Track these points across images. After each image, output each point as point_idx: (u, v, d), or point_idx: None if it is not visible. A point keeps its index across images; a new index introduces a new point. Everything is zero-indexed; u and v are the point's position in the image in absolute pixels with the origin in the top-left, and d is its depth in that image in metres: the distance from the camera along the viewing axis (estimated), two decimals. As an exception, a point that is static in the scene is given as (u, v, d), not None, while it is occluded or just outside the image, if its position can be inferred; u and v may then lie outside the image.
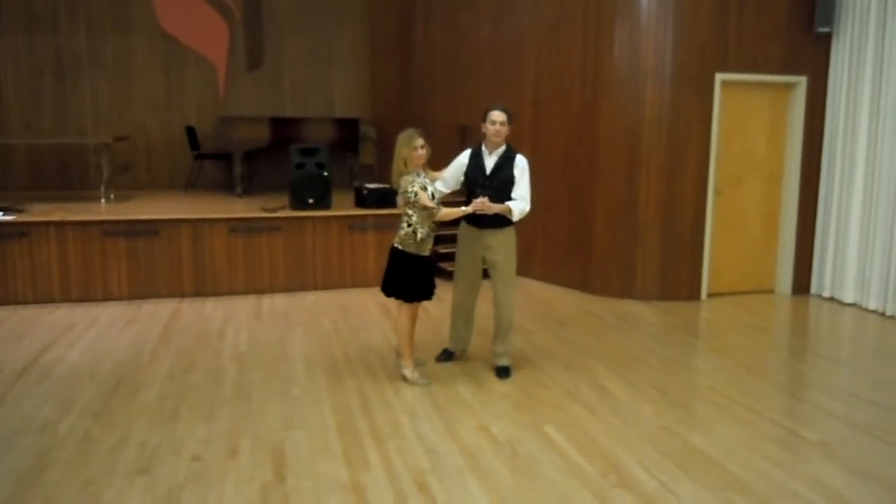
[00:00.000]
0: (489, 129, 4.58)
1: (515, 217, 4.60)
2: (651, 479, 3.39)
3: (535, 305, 6.68)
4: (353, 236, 7.24)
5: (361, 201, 7.52)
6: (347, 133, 9.73)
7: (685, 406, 4.37)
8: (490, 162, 4.63)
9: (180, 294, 6.81)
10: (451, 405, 4.28)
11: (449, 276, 8.17)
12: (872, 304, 6.57)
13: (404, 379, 4.61)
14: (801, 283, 7.22)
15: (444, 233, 8.66)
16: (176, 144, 9.93)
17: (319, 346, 5.40)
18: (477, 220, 4.62)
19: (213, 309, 6.44)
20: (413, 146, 4.35)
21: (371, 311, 6.44)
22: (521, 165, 4.64)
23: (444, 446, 3.72)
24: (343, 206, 7.53)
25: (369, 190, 7.51)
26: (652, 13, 6.63)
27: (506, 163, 4.62)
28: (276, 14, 10.30)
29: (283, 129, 9.19)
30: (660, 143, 6.71)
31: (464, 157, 4.71)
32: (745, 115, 6.93)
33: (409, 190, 4.34)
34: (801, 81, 6.90)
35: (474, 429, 3.94)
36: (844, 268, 6.87)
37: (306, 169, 7.29)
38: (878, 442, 3.86)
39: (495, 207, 4.45)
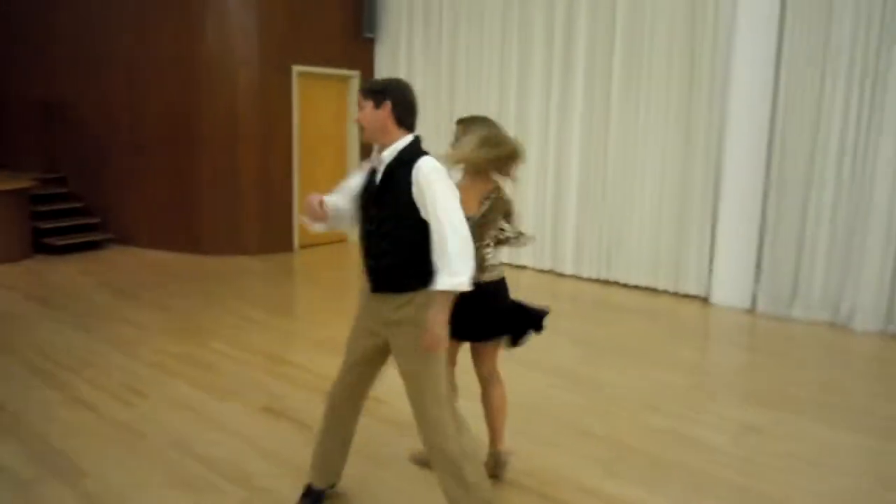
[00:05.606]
0: None
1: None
2: (306, 360, 4.78)
3: (152, 269, 7.45)
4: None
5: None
6: None
7: (305, 317, 5.87)
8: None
9: None
10: (124, 342, 5.04)
11: (57, 251, 8.28)
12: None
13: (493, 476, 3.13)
14: (366, 231, 9.30)
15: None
16: None
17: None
18: None
19: None
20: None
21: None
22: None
23: (133, 364, 4.57)
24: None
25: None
26: (237, 7, 7.82)
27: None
28: None
29: None
30: (254, 119, 8.01)
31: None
32: (318, 100, 8.65)
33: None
34: (356, 75, 8.88)
35: (153, 352, 4.82)
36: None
37: None
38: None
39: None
